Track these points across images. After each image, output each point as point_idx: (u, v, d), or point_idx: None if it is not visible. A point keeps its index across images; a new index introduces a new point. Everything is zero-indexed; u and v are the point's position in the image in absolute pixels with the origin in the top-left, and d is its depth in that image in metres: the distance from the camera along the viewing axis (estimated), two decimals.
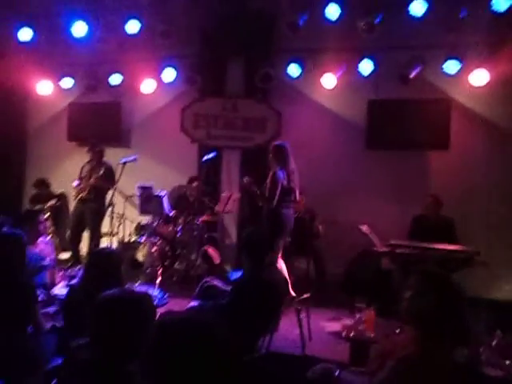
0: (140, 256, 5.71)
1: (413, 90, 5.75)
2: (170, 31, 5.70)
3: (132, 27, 5.91)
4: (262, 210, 4.93)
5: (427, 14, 5.22)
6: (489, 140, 5.72)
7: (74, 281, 3.93)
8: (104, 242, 6.20)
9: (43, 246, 4.34)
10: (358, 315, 3.54)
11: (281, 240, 4.84)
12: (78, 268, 4.88)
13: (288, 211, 4.90)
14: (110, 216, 5.90)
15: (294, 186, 4.90)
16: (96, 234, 6.11)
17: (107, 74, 6.67)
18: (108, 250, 3.11)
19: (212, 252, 5.71)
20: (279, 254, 4.84)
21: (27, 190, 7.52)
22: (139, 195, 5.86)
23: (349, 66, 5.84)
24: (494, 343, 3.05)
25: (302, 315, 3.93)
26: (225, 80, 6.65)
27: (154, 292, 4.79)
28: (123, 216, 6.15)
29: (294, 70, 5.98)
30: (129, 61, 6.58)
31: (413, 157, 5.99)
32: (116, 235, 6.11)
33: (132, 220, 6.35)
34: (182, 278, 5.75)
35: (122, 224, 6.15)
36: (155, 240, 5.83)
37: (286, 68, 5.99)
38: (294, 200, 4.95)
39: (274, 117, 6.45)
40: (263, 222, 4.85)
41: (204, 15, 5.72)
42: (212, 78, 6.54)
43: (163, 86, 6.62)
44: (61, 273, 4.88)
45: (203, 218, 5.97)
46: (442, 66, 5.46)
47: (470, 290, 2.26)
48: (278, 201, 4.70)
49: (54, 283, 4.17)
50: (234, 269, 5.65)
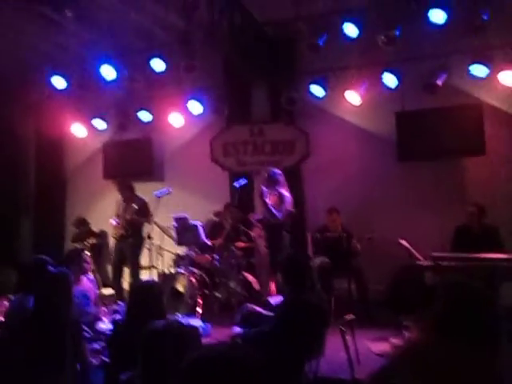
0: (180, 287, 5.73)
1: (440, 98, 5.66)
2: (193, 65, 5.85)
3: (157, 65, 6.12)
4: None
5: (448, 20, 5.16)
6: None
7: (117, 316, 3.98)
8: (144, 276, 6.29)
9: (87, 283, 4.43)
10: (406, 334, 3.40)
11: None
12: (120, 303, 4.94)
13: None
14: (149, 249, 6.00)
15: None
16: (136, 269, 6.20)
17: (137, 112, 6.91)
18: (148, 283, 3.15)
19: (251, 278, 5.68)
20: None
21: (68, 229, 7.78)
22: (175, 226, 5.94)
23: (373, 81, 5.82)
24: None
25: (347, 337, 3.81)
26: (250, 106, 6.76)
27: (196, 322, 4.78)
28: (161, 248, 6.24)
29: (317, 90, 6.01)
30: (156, 97, 6.81)
31: (448, 165, 5.85)
32: (155, 268, 6.19)
33: (170, 252, 6.43)
34: (223, 306, 5.73)
35: (160, 256, 6.23)
36: (194, 270, 5.86)
37: (309, 89, 6.03)
38: None
39: (301, 138, 6.47)
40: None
41: (224, 46, 5.86)
42: (238, 105, 6.66)
43: (191, 119, 6.78)
44: (104, 309, 4.97)
45: (239, 244, 5.97)
46: (468, 71, 5.36)
47: None
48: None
49: (98, 319, 4.24)
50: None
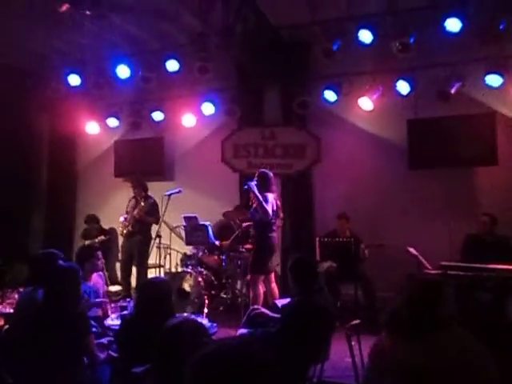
0: (187, 286, 5.76)
1: (453, 107, 5.64)
2: (206, 67, 5.91)
3: (171, 66, 6.18)
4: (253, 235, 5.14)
5: (463, 28, 5.15)
6: None
7: (125, 312, 4.01)
8: (151, 274, 6.33)
9: (96, 279, 4.47)
10: None
11: (270, 262, 5.07)
12: (128, 300, 4.98)
13: (275, 235, 5.11)
14: (157, 248, 6.04)
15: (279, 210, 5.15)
16: (143, 266, 6.25)
17: (150, 112, 6.99)
18: (157, 280, 3.18)
19: None
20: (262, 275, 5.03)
21: (78, 225, 7.86)
22: (185, 226, 5.98)
23: (386, 87, 5.82)
24: None
25: (352, 342, 3.81)
26: (262, 109, 6.79)
27: (202, 321, 4.80)
28: (169, 247, 6.28)
29: (330, 96, 6.03)
30: (170, 97, 6.88)
31: (459, 174, 5.82)
32: (163, 266, 6.23)
33: (178, 251, 6.47)
34: (229, 307, 5.75)
35: (168, 255, 6.27)
36: (201, 270, 5.90)
37: (322, 94, 6.04)
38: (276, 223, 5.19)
39: (313, 143, 6.49)
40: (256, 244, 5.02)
41: (238, 48, 5.90)
42: (250, 108, 6.70)
43: (203, 120, 6.84)
44: (112, 305, 5.01)
45: (247, 246, 5.99)
46: (483, 80, 5.34)
47: None
48: (266, 224, 4.93)
49: (106, 315, 4.28)
50: (280, 296, 5.58)
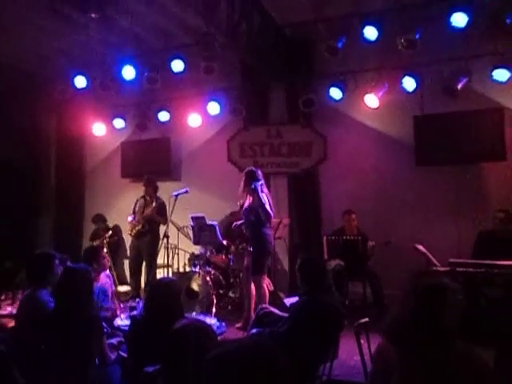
0: (195, 286, 5.79)
1: (460, 102, 5.60)
2: (212, 66, 5.91)
3: (176, 66, 6.19)
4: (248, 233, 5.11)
5: (469, 23, 5.11)
6: None
7: (134, 312, 4.03)
8: (160, 274, 6.36)
9: (105, 279, 4.50)
10: None
11: (267, 261, 5.10)
12: (137, 300, 5.01)
13: (271, 232, 5.13)
14: (165, 248, 6.07)
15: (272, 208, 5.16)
16: (152, 267, 6.28)
17: (156, 112, 7.01)
18: (167, 281, 3.19)
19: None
20: (265, 275, 5.09)
21: (86, 226, 7.91)
22: (192, 226, 5.99)
23: (391, 84, 5.79)
24: None
25: (361, 340, 3.80)
26: (268, 108, 6.79)
27: (211, 321, 4.82)
28: (177, 247, 6.30)
29: (335, 93, 6.01)
30: (175, 98, 6.90)
31: (467, 170, 5.78)
32: (171, 266, 6.26)
33: (185, 251, 6.49)
34: (237, 306, 5.76)
35: (176, 255, 6.30)
36: (209, 269, 5.91)
37: (327, 91, 6.03)
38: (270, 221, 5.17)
39: (319, 140, 6.48)
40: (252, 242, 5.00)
41: (243, 48, 5.91)
42: (255, 107, 6.70)
43: (209, 119, 6.85)
44: (121, 305, 5.05)
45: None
46: (490, 75, 5.30)
47: None
48: (262, 222, 4.92)
49: (115, 315, 4.31)
50: (288, 295, 5.59)
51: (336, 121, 6.38)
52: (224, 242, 6.03)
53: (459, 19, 5.12)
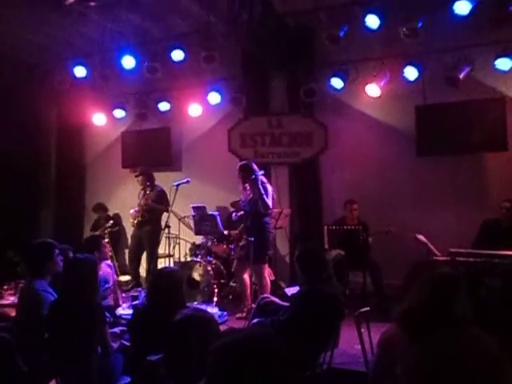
0: (196, 275, 5.82)
1: (463, 92, 5.57)
2: (212, 56, 5.88)
3: (177, 56, 6.15)
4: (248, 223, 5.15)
5: (472, 11, 5.05)
6: None
7: (136, 302, 4.06)
8: (161, 263, 6.39)
9: (106, 269, 4.53)
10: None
11: (268, 250, 5.25)
12: (139, 289, 5.04)
13: (270, 221, 5.25)
14: (167, 237, 6.09)
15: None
16: (153, 256, 6.31)
17: (156, 102, 6.98)
18: (169, 270, 3.20)
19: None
20: (267, 264, 5.19)
21: (87, 216, 7.93)
22: (193, 216, 6.00)
23: (393, 73, 5.75)
24: None
25: (362, 329, 3.83)
26: (269, 98, 6.76)
27: (212, 310, 4.85)
28: (178, 237, 6.32)
29: (337, 83, 5.97)
30: (176, 87, 6.87)
31: (468, 160, 5.77)
32: (172, 256, 6.29)
33: (186, 240, 6.51)
34: (238, 296, 5.79)
35: (177, 245, 6.32)
36: (210, 259, 5.94)
37: (329, 81, 5.99)
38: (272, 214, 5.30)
39: (320, 130, 6.45)
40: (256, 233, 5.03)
41: (244, 37, 5.87)
42: (256, 96, 6.67)
43: (210, 109, 6.82)
44: (123, 294, 5.08)
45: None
46: (492, 65, 5.26)
47: None
48: (265, 215, 5.04)
49: (117, 305, 4.34)
50: (289, 284, 5.62)
51: (337, 110, 6.36)
52: (225, 232, 6.04)
53: (462, 7, 5.07)
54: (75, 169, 8.09)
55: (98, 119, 7.50)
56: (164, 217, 6.19)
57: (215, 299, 5.46)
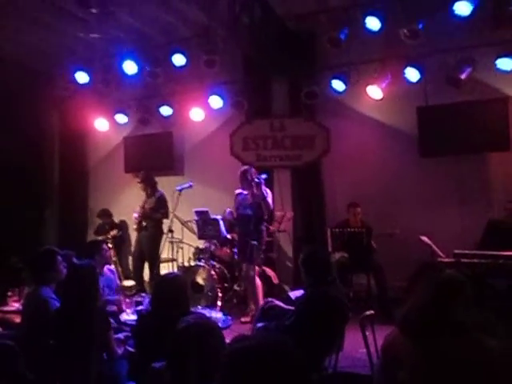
0: (200, 279, 5.81)
1: (464, 93, 5.56)
2: (213, 60, 5.89)
3: (178, 60, 6.17)
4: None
5: (473, 12, 5.05)
6: None
7: (140, 307, 4.06)
8: (164, 268, 6.39)
9: (109, 274, 4.53)
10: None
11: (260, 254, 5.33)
12: (143, 295, 5.04)
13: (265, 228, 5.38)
14: (170, 242, 6.08)
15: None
16: (154, 261, 6.29)
17: (158, 107, 7.00)
18: (173, 276, 3.20)
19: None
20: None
21: (90, 221, 7.95)
22: (197, 220, 6.00)
23: (395, 75, 5.75)
24: None
25: (366, 332, 3.81)
26: (270, 101, 6.76)
27: (216, 315, 4.85)
28: (181, 241, 6.32)
29: (338, 85, 5.97)
30: (177, 92, 6.88)
31: (471, 161, 5.75)
32: (176, 260, 6.28)
33: (190, 245, 6.51)
34: (242, 300, 5.78)
35: (180, 249, 6.32)
36: (214, 263, 5.93)
37: (330, 83, 5.99)
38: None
39: (322, 133, 6.45)
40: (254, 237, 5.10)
41: (245, 41, 5.88)
42: (258, 100, 6.67)
43: (211, 113, 6.83)
44: (126, 300, 5.07)
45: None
46: (494, 65, 5.25)
47: None
48: (261, 217, 5.14)
49: (121, 310, 4.34)
50: (293, 287, 5.61)
51: (339, 113, 6.35)
52: (228, 236, 6.03)
53: (463, 8, 5.07)
54: (78, 174, 8.11)
55: (101, 125, 7.53)
56: (166, 221, 6.18)
57: (219, 303, 5.45)
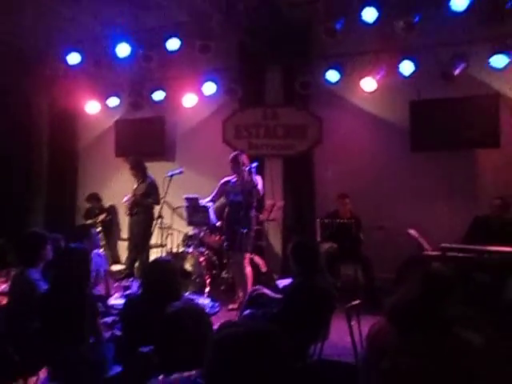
0: (188, 266, 5.84)
1: (457, 88, 5.59)
2: (208, 46, 5.83)
3: (172, 45, 6.09)
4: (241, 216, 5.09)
5: (468, 7, 5.05)
6: None
7: (128, 291, 4.06)
8: (153, 254, 6.39)
9: (97, 258, 4.52)
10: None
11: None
12: (131, 279, 5.05)
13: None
14: (159, 228, 6.07)
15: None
16: (144, 246, 6.27)
17: (150, 91, 6.92)
18: (164, 261, 3.20)
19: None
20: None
21: (79, 205, 7.89)
22: (186, 206, 5.99)
23: (389, 68, 5.75)
24: None
25: (352, 322, 3.87)
26: (264, 89, 6.73)
27: (204, 301, 4.87)
28: (171, 227, 6.32)
29: (332, 76, 5.96)
30: (170, 77, 6.81)
31: (461, 157, 5.81)
32: (164, 246, 6.28)
33: (179, 231, 6.51)
34: (230, 287, 5.82)
35: (169, 235, 6.32)
36: (202, 250, 5.95)
37: (324, 74, 5.98)
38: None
39: (314, 123, 6.45)
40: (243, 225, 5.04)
41: (240, 28, 5.83)
42: (251, 88, 6.63)
43: (204, 100, 6.78)
44: (115, 284, 5.08)
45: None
46: (487, 61, 5.28)
47: None
48: (251, 204, 5.09)
49: (108, 294, 4.34)
50: (281, 276, 5.65)
51: (332, 103, 6.35)
52: (217, 223, 6.04)
53: (459, 3, 5.07)
54: (68, 157, 8.02)
55: (92, 107, 7.43)
56: (157, 207, 6.17)
57: (207, 290, 5.48)
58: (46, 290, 2.88)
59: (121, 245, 7.46)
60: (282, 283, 4.02)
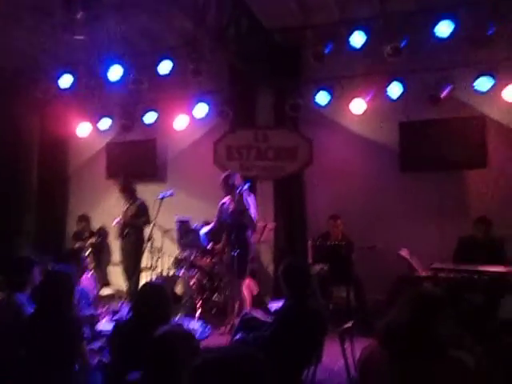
0: (179, 289, 5.75)
1: (444, 110, 5.70)
2: (199, 69, 5.90)
3: (164, 68, 6.16)
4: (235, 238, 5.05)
5: (454, 33, 5.20)
6: None
7: (116, 316, 3.99)
8: (143, 277, 6.29)
9: (86, 282, 4.46)
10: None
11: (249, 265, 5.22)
12: (120, 303, 4.96)
13: (251, 236, 5.23)
14: (150, 250, 6.01)
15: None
16: (134, 269, 6.17)
17: (142, 113, 6.95)
18: (155, 285, 3.15)
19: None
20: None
21: (69, 227, 7.80)
22: (177, 229, 5.95)
23: (377, 91, 5.85)
24: None
25: (345, 345, 3.81)
26: (255, 111, 6.79)
27: (195, 325, 4.79)
28: (161, 250, 6.25)
29: (322, 98, 6.05)
30: (162, 99, 6.85)
31: (450, 177, 5.88)
32: (155, 269, 6.20)
33: (170, 254, 6.44)
34: (221, 310, 5.74)
35: (160, 258, 6.24)
36: (193, 273, 5.88)
37: (314, 96, 6.06)
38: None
39: (304, 145, 6.50)
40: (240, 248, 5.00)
41: (231, 51, 5.91)
42: (242, 110, 6.69)
43: (196, 122, 6.81)
44: (104, 308, 4.99)
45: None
46: (473, 84, 5.40)
47: None
48: (245, 226, 5.02)
49: (97, 319, 4.25)
50: (273, 299, 5.60)
51: (322, 126, 6.42)
52: (208, 246, 6.00)
53: (443, 29, 5.22)
54: (58, 179, 7.97)
55: (83, 130, 7.42)
56: (147, 229, 6.11)
57: (198, 313, 5.39)
58: (31, 314, 2.82)
59: (111, 268, 7.35)
60: (274, 306, 3.98)
